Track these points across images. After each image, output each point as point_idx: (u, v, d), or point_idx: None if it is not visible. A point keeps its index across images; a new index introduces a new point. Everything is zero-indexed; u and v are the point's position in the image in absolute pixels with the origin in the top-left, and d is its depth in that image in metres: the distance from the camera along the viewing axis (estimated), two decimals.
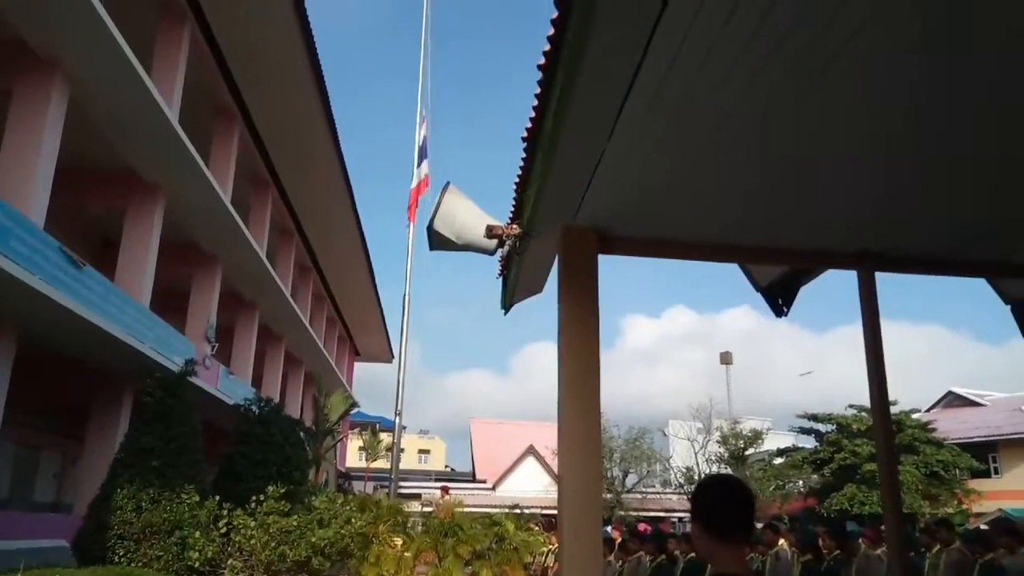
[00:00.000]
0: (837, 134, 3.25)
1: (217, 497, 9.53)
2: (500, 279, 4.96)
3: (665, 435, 41.15)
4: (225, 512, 9.15)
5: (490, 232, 4.20)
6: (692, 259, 4.59)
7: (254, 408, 12.34)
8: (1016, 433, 32.68)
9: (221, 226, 16.95)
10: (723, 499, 2.02)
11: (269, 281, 20.40)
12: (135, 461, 9.76)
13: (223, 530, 9.03)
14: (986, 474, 31.73)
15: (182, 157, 14.22)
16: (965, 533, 10.31)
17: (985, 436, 33.25)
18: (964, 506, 28.22)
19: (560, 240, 4.12)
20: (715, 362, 44.85)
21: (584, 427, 3.74)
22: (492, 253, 4.38)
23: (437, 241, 4.37)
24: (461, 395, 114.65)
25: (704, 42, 2.60)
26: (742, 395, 77.10)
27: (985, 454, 32.60)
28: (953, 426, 32.88)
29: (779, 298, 5.18)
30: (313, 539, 9.42)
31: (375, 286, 31.36)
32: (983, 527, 11.85)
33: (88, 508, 9.91)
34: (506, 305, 5.27)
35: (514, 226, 4.15)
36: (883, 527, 4.32)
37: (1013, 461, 32.77)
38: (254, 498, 9.37)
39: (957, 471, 29.02)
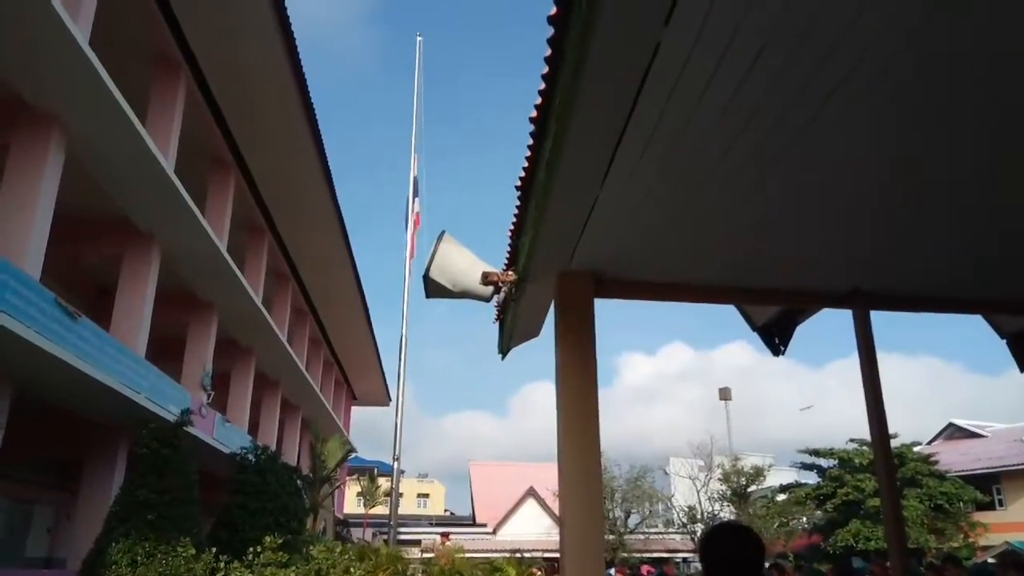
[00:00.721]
0: (828, 177, 3.30)
1: (214, 549, 9.38)
2: (497, 324, 4.98)
3: (666, 473, 40.79)
4: (222, 565, 9.00)
5: (486, 279, 4.23)
6: (687, 301, 4.62)
7: (251, 456, 12.21)
8: (1019, 464, 32.45)
9: (217, 273, 16.97)
10: (732, 551, 2.02)
11: (265, 327, 20.36)
12: (130, 514, 9.62)
13: None
14: (991, 506, 31.42)
15: (177, 206, 14.29)
16: (972, 568, 10.19)
17: (988, 468, 33.00)
18: (970, 539, 27.91)
19: (556, 285, 4.15)
20: (714, 398, 44.67)
21: (584, 468, 3.73)
22: (488, 300, 4.40)
23: (433, 289, 4.40)
24: (459, 437, 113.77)
25: (694, 91, 2.66)
26: (742, 431, 76.62)
27: (989, 486, 32.33)
28: (955, 458, 32.68)
29: (775, 337, 5.21)
30: None
31: (371, 328, 31.31)
32: (990, 561, 11.71)
33: (82, 563, 9.74)
34: (503, 350, 5.27)
35: (509, 272, 4.18)
36: (888, 563, 4.28)
37: (1017, 492, 32.47)
38: (251, 549, 9.23)
39: (961, 504, 28.74)
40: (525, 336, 5.16)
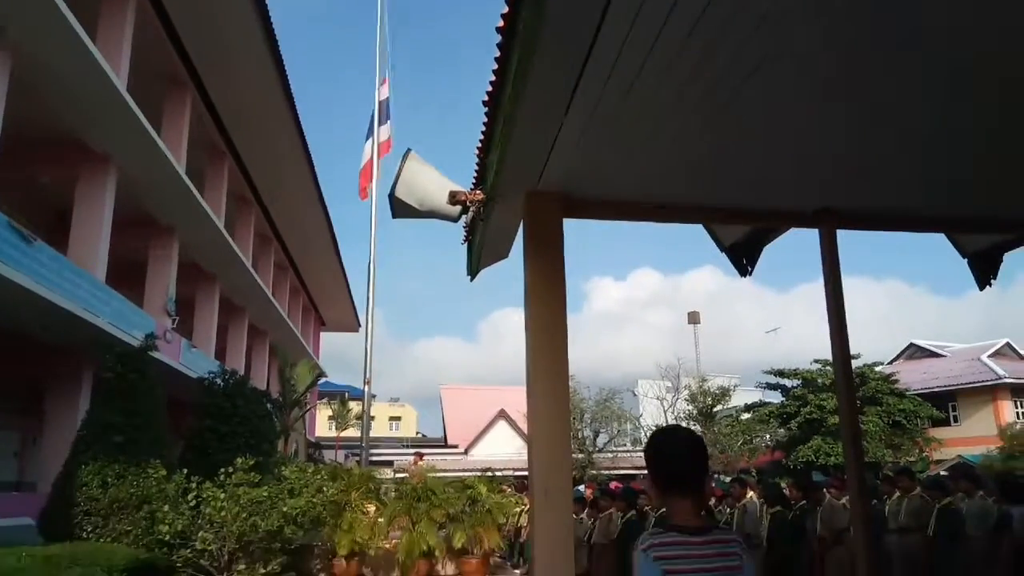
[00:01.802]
0: (796, 95, 3.23)
1: (185, 471, 9.43)
2: (465, 245, 4.91)
3: (635, 395, 41.72)
4: (194, 485, 9.06)
5: (453, 199, 4.13)
6: (656, 221, 4.59)
7: (219, 381, 12.17)
8: (975, 382, 33.78)
9: (176, 196, 16.55)
10: (672, 452, 2.05)
11: (229, 252, 20.04)
12: (98, 437, 9.59)
13: (192, 503, 8.95)
14: (946, 422, 32.83)
15: (132, 126, 13.79)
16: (925, 480, 10.64)
17: (945, 386, 34.33)
18: (925, 454, 29.22)
19: (524, 204, 4.08)
20: (682, 322, 45.53)
21: (552, 387, 3.74)
22: (456, 220, 4.32)
23: (400, 209, 4.29)
24: (430, 363, 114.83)
25: (658, 15, 2.55)
26: (710, 354, 78.11)
27: (945, 403, 33.71)
28: (915, 377, 33.86)
29: (743, 257, 5.22)
30: (284, 508, 9.39)
31: (339, 254, 31.01)
32: (943, 473, 12.27)
33: (52, 486, 9.75)
34: (472, 271, 5.22)
35: (477, 192, 4.09)
36: (846, 476, 4.42)
37: (971, 409, 33.92)
38: (223, 470, 9.29)
39: (919, 420, 29.96)
40: (494, 257, 5.11)
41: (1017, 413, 33.31)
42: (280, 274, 29.20)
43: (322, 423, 41.12)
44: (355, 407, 31.31)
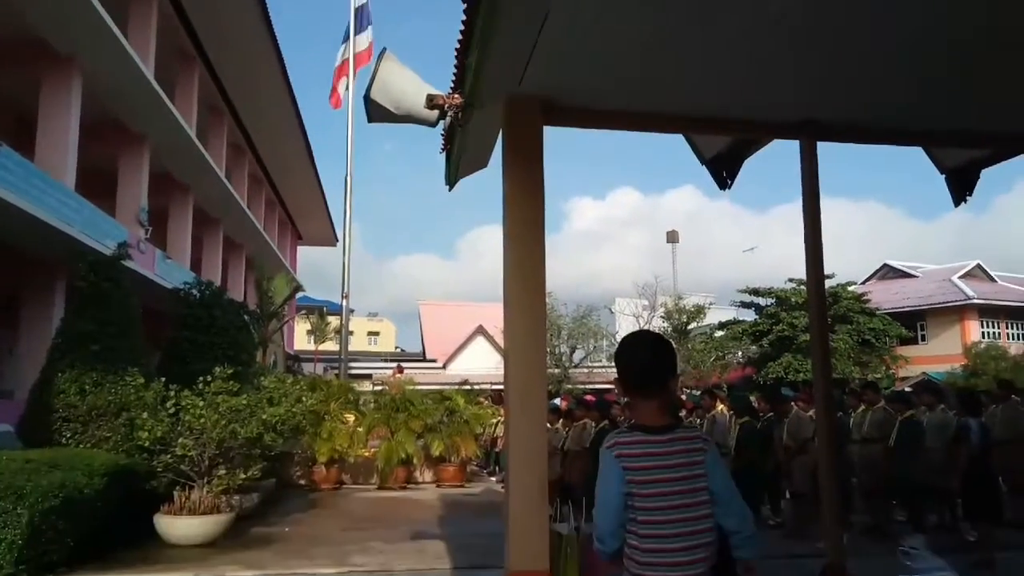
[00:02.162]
0: (781, 5, 3.13)
1: (163, 379, 9.47)
2: (443, 153, 4.81)
3: (611, 312, 42.24)
4: (172, 393, 9.11)
5: (431, 102, 4.02)
6: (638, 130, 4.51)
7: (195, 292, 12.08)
8: (943, 302, 34.56)
9: (145, 102, 16.02)
10: (637, 354, 2.12)
11: (201, 162, 19.59)
12: (74, 346, 9.56)
13: (171, 410, 9.02)
14: (914, 341, 33.74)
15: (96, 25, 13.19)
16: (889, 394, 10.99)
17: (915, 306, 35.10)
18: (891, 371, 30.09)
19: (504, 111, 3.98)
20: (660, 242, 45.64)
21: (529, 293, 3.74)
22: (434, 125, 4.21)
23: (376, 112, 4.17)
24: (409, 279, 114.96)
25: None
26: (687, 273, 79.21)
27: (914, 322, 34.56)
28: (886, 297, 34.54)
29: (723, 171, 5.18)
30: (264, 417, 9.50)
31: (314, 166, 30.39)
32: (907, 389, 12.68)
33: (29, 393, 9.77)
34: (451, 180, 5.14)
35: (456, 96, 3.97)
36: (814, 390, 4.54)
37: (939, 328, 34.84)
38: (201, 379, 9.34)
39: (887, 339, 30.73)
40: (473, 166, 5.03)
41: (983, 333, 34.28)
42: (255, 186, 28.70)
43: (301, 337, 41.31)
44: (333, 321, 31.44)
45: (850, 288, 31.73)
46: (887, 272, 41.15)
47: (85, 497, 7.52)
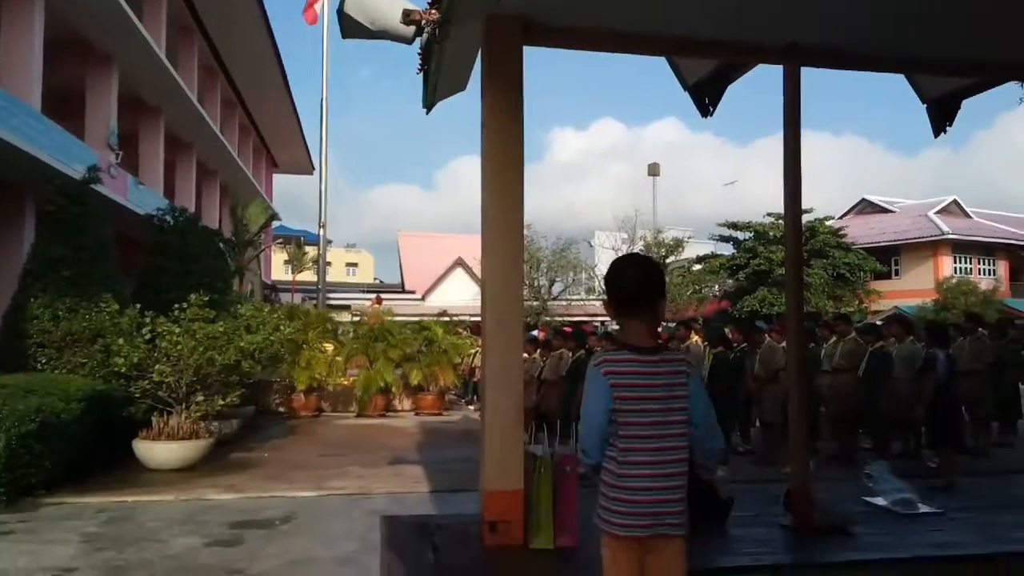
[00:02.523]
0: None
1: (138, 306, 9.38)
2: (420, 74, 4.67)
3: (591, 246, 42.24)
4: (148, 320, 9.05)
5: (407, 17, 3.88)
6: (620, 51, 4.40)
7: (169, 218, 11.87)
8: (918, 237, 34.95)
9: (111, 19, 15.37)
10: (627, 275, 2.15)
11: (171, 83, 18.97)
12: (46, 272, 9.40)
13: (147, 337, 8.97)
14: (887, 276, 34.23)
15: None
16: (861, 326, 11.18)
17: (890, 241, 35.47)
18: (864, 305, 30.55)
19: (483, 29, 3.87)
20: (642, 175, 45.37)
21: (507, 216, 3.71)
22: (410, 42, 4.07)
23: (349, 27, 4.02)
24: (388, 209, 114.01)
25: None
26: (668, 207, 79.18)
27: (889, 257, 35.01)
28: (863, 232, 34.82)
29: (706, 97, 5.10)
30: (241, 344, 9.49)
31: (289, 90, 29.55)
32: (878, 323, 12.91)
33: (2, 318, 9.65)
34: (428, 103, 5.01)
35: (433, 11, 3.84)
36: (786, 321, 4.58)
37: (912, 263, 35.34)
38: (177, 305, 9.27)
39: (862, 273, 31.12)
40: (451, 89, 4.90)
41: (955, 268, 34.81)
42: (228, 110, 27.94)
43: (278, 267, 41.02)
44: (311, 251, 31.21)
45: (827, 223, 31.91)
46: (865, 207, 41.38)
47: (62, 422, 7.53)
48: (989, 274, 35.74)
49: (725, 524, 3.85)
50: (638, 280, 2.12)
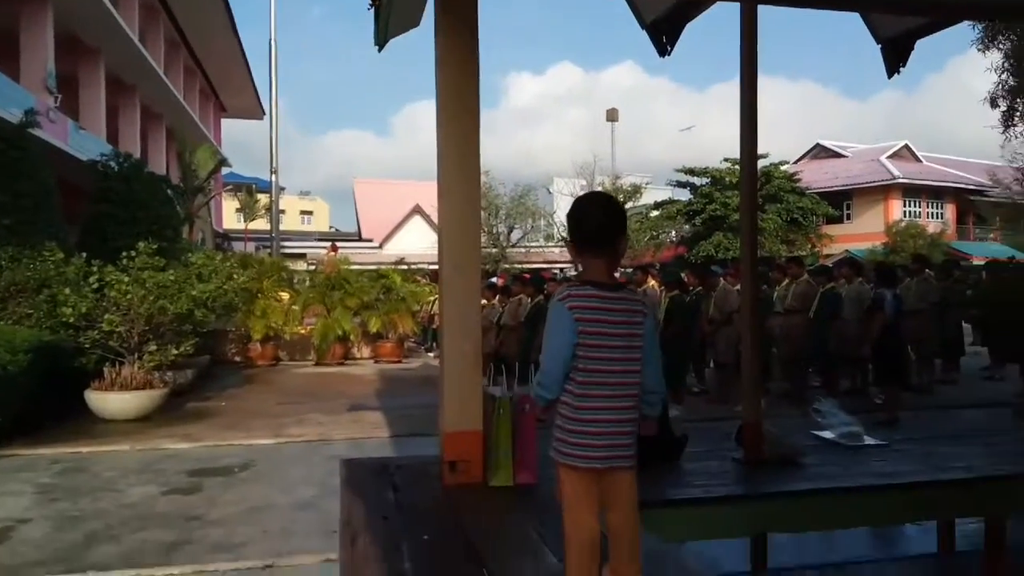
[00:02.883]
0: None
1: (84, 254, 9.09)
2: (371, 9, 4.51)
3: (549, 192, 42.12)
4: (95, 269, 8.79)
5: None
6: None
7: (113, 164, 11.46)
8: (870, 182, 35.56)
9: None
10: (590, 212, 2.14)
11: (110, 21, 18.06)
12: None
13: (95, 286, 8.73)
14: (839, 220, 34.86)
15: None
16: (812, 268, 11.41)
17: (843, 185, 36.03)
18: (816, 249, 31.12)
19: None
20: (600, 120, 45.13)
21: (463, 151, 3.63)
22: None
23: None
24: (342, 156, 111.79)
25: None
26: (626, 153, 78.94)
27: (841, 201, 35.61)
28: (816, 176, 35.26)
29: (663, 35, 5.03)
30: (193, 293, 9.29)
31: (235, 29, 28.37)
32: (829, 265, 13.19)
33: None
34: (380, 40, 4.85)
35: None
36: (740, 264, 4.63)
37: (864, 207, 36.03)
38: (125, 254, 9.01)
39: (815, 218, 31.63)
40: (403, 25, 4.73)
41: (905, 212, 35.60)
42: (172, 52, 26.81)
43: (229, 216, 40.07)
44: (263, 199, 30.50)
45: (782, 168, 32.22)
46: (819, 152, 41.84)
47: (9, 374, 7.33)
48: (937, 217, 36.64)
49: (679, 460, 3.94)
50: (600, 218, 2.12)
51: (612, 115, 44.50)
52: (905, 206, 35.90)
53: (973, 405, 9.01)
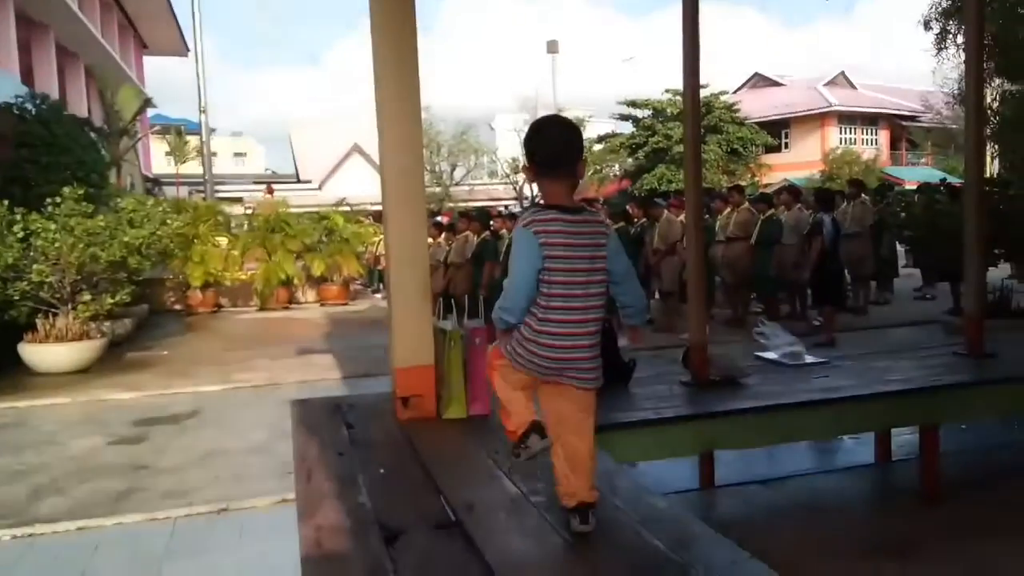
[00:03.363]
0: None
1: (6, 202, 8.62)
2: None
3: (492, 129, 41.62)
4: (19, 217, 8.35)
5: None
6: None
7: (29, 107, 10.80)
8: (807, 110, 36.03)
9: None
10: (549, 134, 2.12)
11: None
12: None
13: (20, 235, 8.32)
14: (778, 149, 35.35)
15: None
16: (753, 196, 11.60)
17: (781, 114, 36.41)
18: (756, 179, 31.59)
19: None
20: (541, 52, 44.35)
21: (401, 77, 3.50)
22: None
23: None
24: (274, 94, 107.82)
25: None
26: (567, 85, 77.92)
27: (779, 131, 36.06)
28: (755, 106, 35.50)
29: None
30: (126, 239, 8.93)
31: None
32: (770, 193, 13.40)
33: None
34: None
35: None
36: (684, 196, 4.64)
37: (802, 136, 36.58)
38: (49, 200, 8.58)
39: (754, 148, 32.00)
40: None
41: (840, 139, 36.28)
42: None
43: (159, 159, 38.48)
44: (193, 141, 29.32)
45: (722, 98, 32.36)
46: (757, 81, 42.05)
47: None
48: (872, 144, 37.46)
49: (627, 385, 4.00)
50: (559, 140, 2.10)
51: (552, 47, 43.79)
52: (841, 133, 36.56)
53: (907, 324, 9.44)
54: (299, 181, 40.71)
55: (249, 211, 16.76)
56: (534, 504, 2.34)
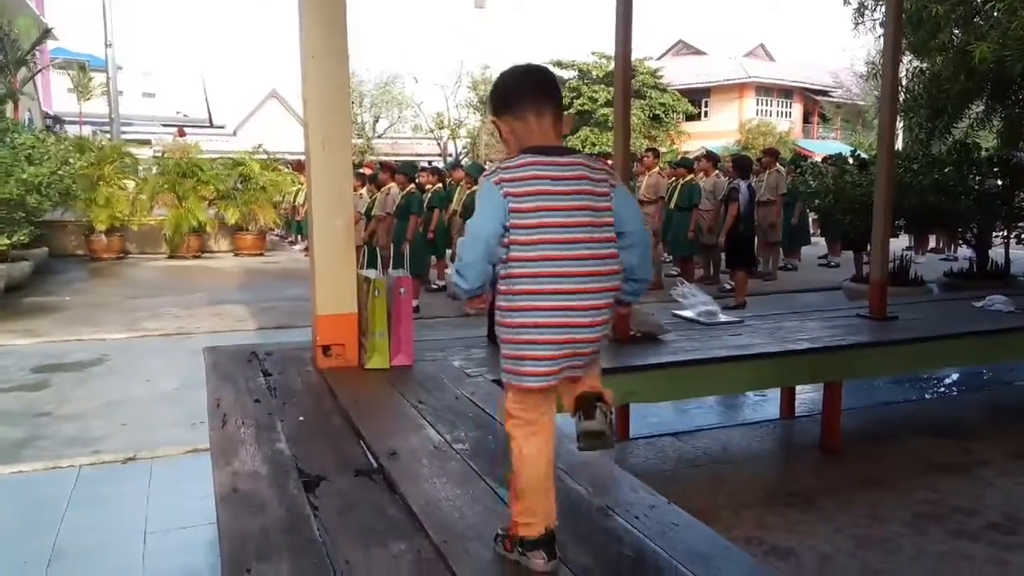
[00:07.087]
0: None
1: None
2: None
3: (416, 81, 40.78)
4: None
5: None
6: None
7: None
8: (727, 80, 36.72)
9: None
10: (526, 74, 1.76)
11: None
12: None
13: None
14: (697, 117, 35.98)
15: None
16: (673, 161, 11.81)
17: (701, 83, 37.00)
18: (675, 145, 32.15)
19: None
20: (468, 7, 43.42)
21: (328, 11, 3.37)
22: None
23: None
24: (187, 32, 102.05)
25: None
26: (495, 44, 76.78)
27: (700, 99, 36.65)
28: (677, 74, 35.95)
29: None
30: (24, 176, 8.39)
31: None
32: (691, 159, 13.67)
33: None
34: None
35: None
36: (612, 161, 4.66)
37: (721, 105, 37.30)
38: None
39: (675, 115, 32.46)
40: None
41: (757, 110, 37.23)
42: None
43: (61, 96, 36.05)
44: (99, 78, 27.56)
45: (646, 63, 32.61)
46: (681, 48, 42.51)
47: None
48: (786, 116, 38.59)
49: None
50: (534, 76, 1.74)
51: (479, 2, 42.98)
52: (758, 105, 37.48)
53: (813, 289, 9.89)
54: (212, 126, 39.06)
55: (158, 154, 15.94)
56: (457, 451, 2.36)
